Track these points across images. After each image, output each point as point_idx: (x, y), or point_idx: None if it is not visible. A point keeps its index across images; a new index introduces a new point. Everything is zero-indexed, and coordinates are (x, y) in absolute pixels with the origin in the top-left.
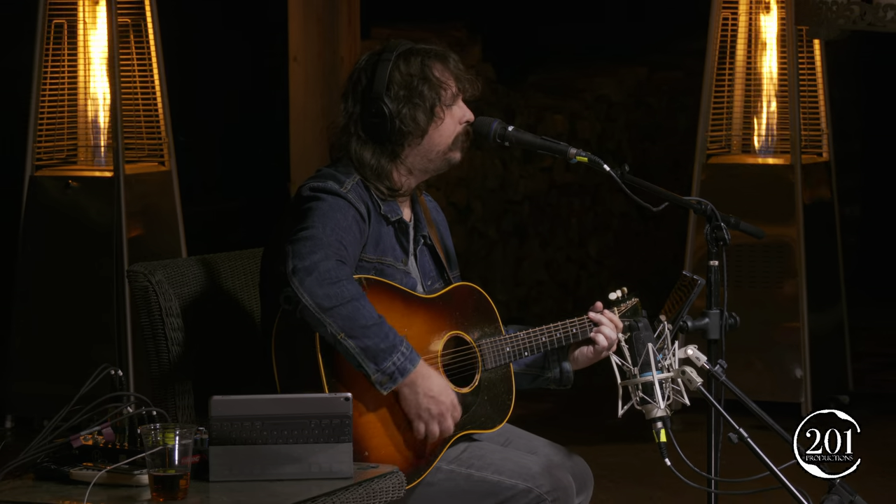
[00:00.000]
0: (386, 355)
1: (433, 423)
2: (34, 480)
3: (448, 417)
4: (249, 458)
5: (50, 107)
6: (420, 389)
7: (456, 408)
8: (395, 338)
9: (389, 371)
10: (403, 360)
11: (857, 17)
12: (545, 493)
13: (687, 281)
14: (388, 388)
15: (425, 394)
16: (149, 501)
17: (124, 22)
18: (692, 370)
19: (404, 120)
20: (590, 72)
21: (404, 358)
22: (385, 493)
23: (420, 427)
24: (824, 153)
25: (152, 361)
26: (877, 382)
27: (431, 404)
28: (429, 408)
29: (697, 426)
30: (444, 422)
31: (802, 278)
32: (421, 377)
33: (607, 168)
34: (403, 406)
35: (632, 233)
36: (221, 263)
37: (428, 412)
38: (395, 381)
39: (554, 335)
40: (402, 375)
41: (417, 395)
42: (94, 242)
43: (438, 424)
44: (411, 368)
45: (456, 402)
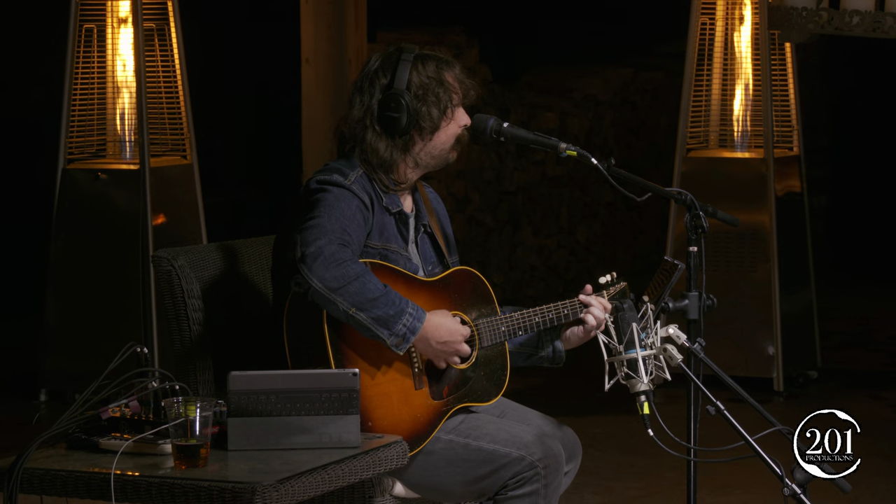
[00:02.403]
0: (396, 320)
1: (452, 357)
2: (66, 449)
3: (461, 347)
4: (265, 428)
5: (81, 105)
6: (433, 340)
7: (464, 335)
8: (401, 302)
9: (402, 333)
10: (412, 321)
11: (824, 23)
12: (537, 460)
13: (668, 265)
14: (402, 348)
15: (437, 341)
16: (172, 469)
17: (149, 27)
18: (673, 348)
19: (421, 115)
20: (579, 73)
21: (413, 318)
22: (389, 461)
23: (441, 364)
24: (795, 147)
25: (175, 340)
26: (843, 359)
27: (445, 347)
28: (444, 350)
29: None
30: (460, 351)
31: (774, 263)
32: (430, 330)
33: (595, 161)
34: (422, 353)
35: (617, 221)
36: (239, 249)
37: (444, 353)
38: (408, 340)
39: (546, 316)
40: (414, 334)
41: (431, 345)
42: (121, 230)
43: (457, 355)
44: (420, 326)
45: (463, 330)
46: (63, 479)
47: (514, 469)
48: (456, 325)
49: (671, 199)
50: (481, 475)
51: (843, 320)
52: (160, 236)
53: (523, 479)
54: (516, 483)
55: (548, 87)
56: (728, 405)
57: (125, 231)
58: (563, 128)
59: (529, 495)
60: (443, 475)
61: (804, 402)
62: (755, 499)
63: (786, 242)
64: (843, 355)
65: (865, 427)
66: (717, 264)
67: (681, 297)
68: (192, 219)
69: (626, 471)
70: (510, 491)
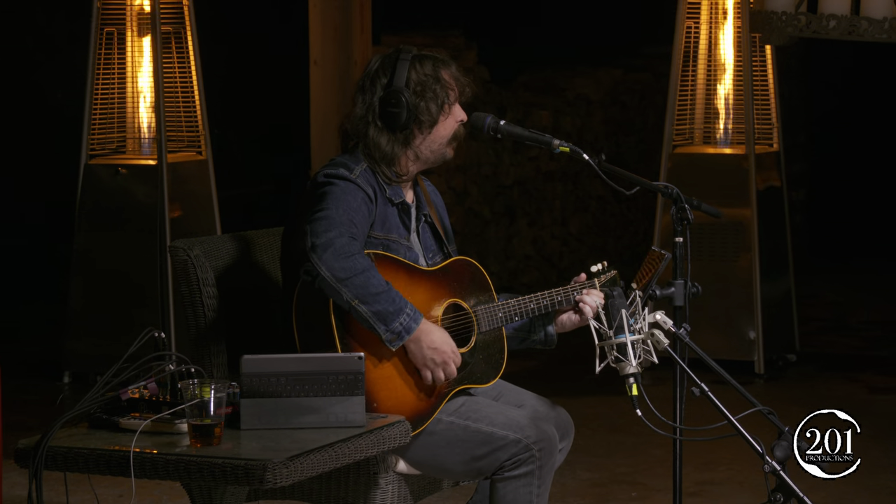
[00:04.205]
0: (394, 317)
1: (438, 370)
2: (88, 428)
3: (450, 363)
4: (275, 409)
5: (102, 104)
6: (424, 343)
7: (456, 354)
8: (400, 301)
9: (397, 330)
10: (409, 320)
11: (803, 26)
12: (532, 443)
13: (655, 255)
14: (396, 344)
15: (428, 346)
16: (188, 447)
17: (167, 30)
18: (660, 332)
19: (420, 110)
20: (571, 73)
21: (409, 318)
22: (393, 440)
23: (427, 374)
24: (775, 144)
25: (191, 325)
26: (820, 343)
27: (435, 354)
28: (433, 358)
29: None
30: (447, 367)
31: (755, 253)
32: (424, 333)
33: (586, 157)
34: (411, 358)
35: (608, 213)
36: (251, 240)
37: (433, 361)
38: (402, 338)
39: (540, 302)
40: (408, 333)
41: (422, 348)
42: (140, 222)
43: (443, 370)
44: (415, 326)
45: (456, 349)
46: (85, 457)
47: (510, 451)
48: (448, 338)
49: (658, 193)
50: (479, 455)
51: (820, 307)
52: (177, 228)
53: (519, 461)
54: (513, 464)
55: (542, 87)
56: (712, 387)
57: (144, 223)
58: (557, 125)
59: (525, 476)
60: (443, 454)
61: (783, 384)
62: (737, 475)
63: (766, 233)
64: (821, 340)
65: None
66: (702, 254)
67: (667, 284)
68: (206, 211)
69: (616, 448)
70: (507, 471)
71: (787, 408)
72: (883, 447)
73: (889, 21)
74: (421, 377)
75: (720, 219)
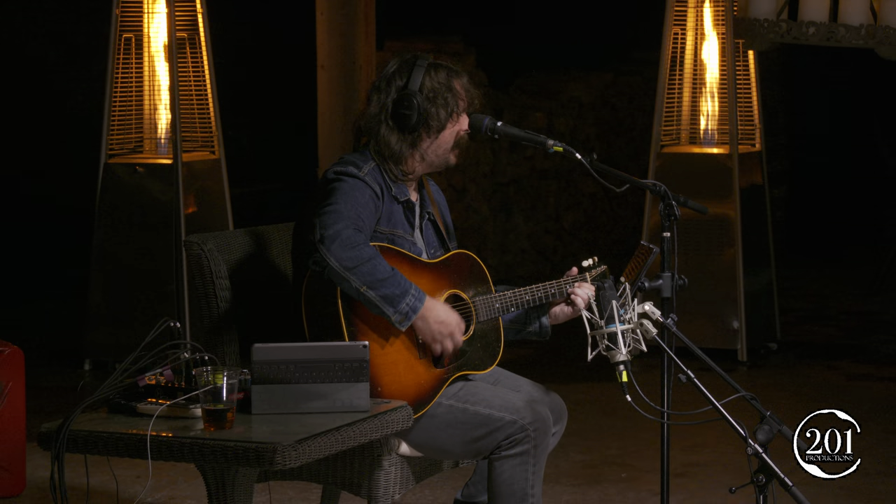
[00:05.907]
0: (400, 299)
1: (447, 341)
2: (107, 413)
3: (456, 333)
4: (285, 395)
5: (121, 106)
6: (430, 319)
7: (460, 324)
8: (405, 284)
9: (405, 311)
10: (414, 301)
11: (784, 32)
12: (528, 424)
13: (644, 249)
14: (405, 324)
15: (435, 321)
16: (202, 431)
17: (181, 36)
18: (649, 322)
19: (430, 115)
20: (564, 77)
21: (415, 299)
22: (396, 424)
23: (437, 347)
24: (757, 144)
25: (204, 315)
26: (800, 332)
27: (441, 328)
28: (440, 331)
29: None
30: (455, 337)
31: (739, 247)
32: (429, 310)
33: (579, 156)
34: (420, 335)
35: (599, 210)
36: (262, 234)
37: (440, 334)
38: (409, 318)
39: (535, 294)
40: (415, 312)
41: (429, 323)
42: (156, 218)
43: (450, 340)
44: (420, 305)
45: (459, 319)
46: (104, 440)
47: (507, 431)
48: (451, 311)
49: (647, 190)
50: (477, 436)
51: (800, 298)
52: (191, 223)
53: (515, 441)
54: (509, 444)
55: (537, 90)
56: (697, 374)
57: (160, 219)
58: (551, 126)
59: (521, 455)
60: (443, 436)
61: (765, 371)
62: (721, 457)
63: (749, 228)
64: (801, 329)
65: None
66: (688, 248)
67: (655, 277)
68: (219, 207)
69: (607, 432)
70: (503, 451)
71: (768, 393)
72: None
73: (865, 27)
74: (424, 358)
75: (706, 215)
